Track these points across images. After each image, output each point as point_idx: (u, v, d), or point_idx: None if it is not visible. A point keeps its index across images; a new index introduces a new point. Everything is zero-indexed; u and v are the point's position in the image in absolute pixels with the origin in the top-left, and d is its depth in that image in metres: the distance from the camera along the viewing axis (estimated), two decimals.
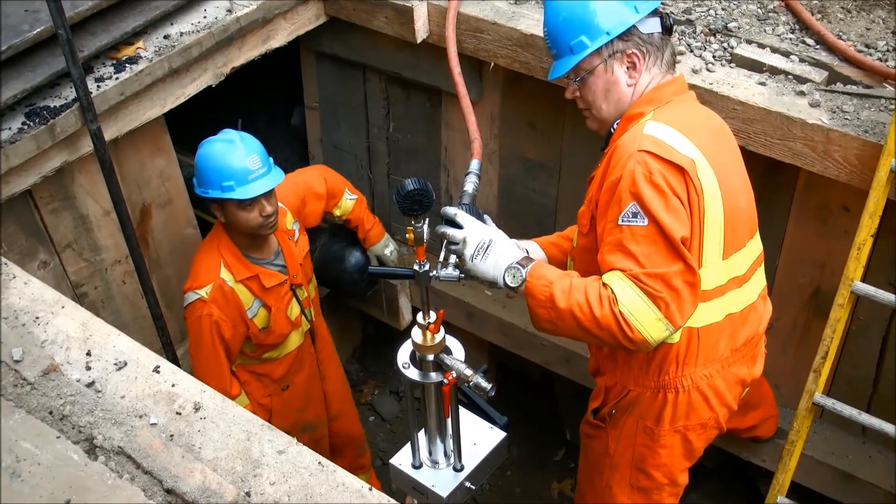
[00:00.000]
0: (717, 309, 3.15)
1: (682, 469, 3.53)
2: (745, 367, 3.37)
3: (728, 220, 3.00)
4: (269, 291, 4.04)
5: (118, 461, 2.29)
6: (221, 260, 3.93)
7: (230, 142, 3.78)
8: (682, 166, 2.84)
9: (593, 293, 2.86)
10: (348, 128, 5.26)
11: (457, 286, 5.04)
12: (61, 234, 3.99)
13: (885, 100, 3.52)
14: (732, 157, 3.15)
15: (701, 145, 2.93)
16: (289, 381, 4.41)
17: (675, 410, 3.33)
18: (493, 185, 4.89)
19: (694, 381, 3.26)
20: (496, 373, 5.80)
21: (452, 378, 3.05)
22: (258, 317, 4.04)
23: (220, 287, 3.90)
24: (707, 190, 2.91)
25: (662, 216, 2.80)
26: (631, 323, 2.82)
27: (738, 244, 3.11)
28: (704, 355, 3.22)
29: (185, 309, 3.95)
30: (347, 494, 2.22)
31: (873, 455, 4.26)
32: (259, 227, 3.85)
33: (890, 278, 3.80)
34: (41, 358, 2.53)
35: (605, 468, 3.60)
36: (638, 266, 2.82)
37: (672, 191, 2.82)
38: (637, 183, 2.82)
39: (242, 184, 3.73)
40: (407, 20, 4.20)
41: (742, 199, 3.11)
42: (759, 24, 3.93)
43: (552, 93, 4.19)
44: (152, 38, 3.93)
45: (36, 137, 3.50)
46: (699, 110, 3.19)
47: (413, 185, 2.81)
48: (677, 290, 2.82)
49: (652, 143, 2.86)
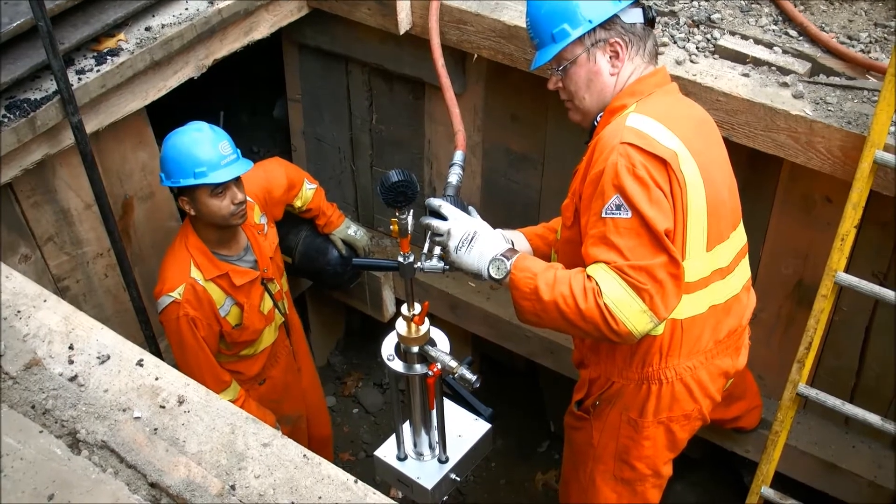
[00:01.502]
0: (701, 300, 3.15)
1: (666, 461, 3.54)
2: (728, 359, 3.38)
3: (711, 212, 3.00)
4: (240, 289, 4.01)
5: (102, 455, 2.28)
6: (191, 259, 3.90)
7: (199, 130, 3.77)
8: (665, 158, 2.83)
9: (578, 285, 2.86)
10: (331, 120, 5.24)
11: (441, 278, 5.04)
12: (43, 228, 3.97)
13: (867, 91, 3.53)
14: (716, 149, 3.14)
15: (684, 137, 2.92)
16: (265, 375, 4.40)
17: (658, 402, 3.33)
18: (477, 178, 4.88)
19: (678, 373, 3.27)
20: (481, 364, 5.81)
21: (437, 370, 3.05)
22: (231, 314, 4.03)
23: (192, 287, 3.87)
24: (690, 182, 2.90)
25: (646, 208, 2.79)
26: (615, 315, 2.82)
27: (721, 236, 3.10)
28: (688, 347, 3.22)
29: (160, 314, 3.92)
30: (332, 487, 2.21)
31: (856, 445, 4.28)
32: (231, 215, 3.82)
33: (873, 269, 3.82)
34: (23, 352, 2.51)
35: (588, 459, 3.61)
36: (622, 258, 2.82)
37: (655, 183, 2.82)
38: (620, 175, 2.82)
39: (215, 169, 3.71)
40: (390, 12, 4.19)
41: (725, 191, 3.11)
42: (743, 16, 3.93)
43: (536, 85, 4.18)
44: (133, 30, 3.90)
45: (16, 130, 3.47)
46: (682, 102, 3.19)
47: (397, 176, 2.80)
48: (661, 282, 2.82)
49: (635, 135, 2.86)
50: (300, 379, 4.68)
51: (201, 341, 3.93)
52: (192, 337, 3.90)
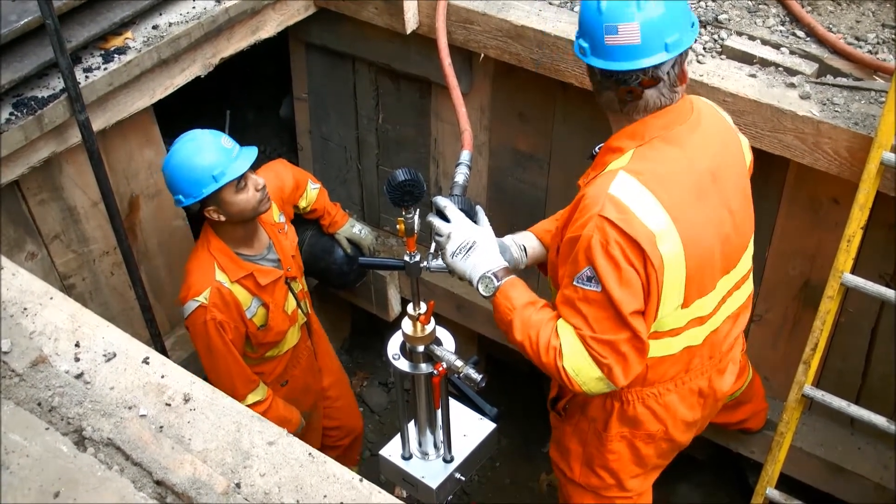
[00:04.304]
0: (673, 345, 3.11)
1: (633, 475, 3.49)
2: (704, 381, 3.31)
3: (692, 277, 2.92)
4: (265, 288, 3.99)
5: (107, 453, 2.28)
6: (215, 262, 3.86)
7: (194, 138, 3.70)
8: (640, 242, 2.75)
9: (544, 338, 2.89)
10: (338, 119, 5.24)
11: (447, 277, 5.01)
12: (49, 226, 3.98)
13: (874, 92, 3.53)
14: (717, 200, 2.97)
15: (672, 204, 2.82)
16: (287, 376, 4.38)
17: (620, 419, 3.32)
18: (483, 177, 4.88)
19: (640, 397, 3.25)
20: (486, 364, 5.80)
21: (442, 369, 3.05)
22: (257, 315, 4.00)
23: (218, 290, 3.83)
24: (668, 260, 2.82)
25: (614, 289, 2.77)
26: (572, 378, 2.87)
27: (703, 291, 3.01)
28: (653, 378, 3.20)
29: (187, 320, 3.87)
30: (338, 485, 2.21)
31: (862, 447, 4.27)
32: (259, 203, 3.78)
33: (880, 270, 3.81)
34: (29, 349, 2.52)
35: (561, 460, 3.63)
36: (588, 328, 2.83)
37: (628, 262, 2.76)
38: (593, 250, 2.78)
39: (230, 164, 3.67)
40: (397, 11, 4.19)
41: (717, 244, 2.99)
42: (750, 16, 3.93)
43: (542, 84, 4.19)
44: (141, 29, 3.91)
45: (24, 128, 3.48)
46: (686, 151, 2.92)
47: (404, 175, 2.80)
48: (624, 354, 2.84)
49: (614, 210, 2.76)
50: (319, 380, 4.67)
51: (229, 344, 3.90)
52: (220, 340, 3.86)
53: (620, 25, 2.72)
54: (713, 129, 3.03)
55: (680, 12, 2.76)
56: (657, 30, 2.71)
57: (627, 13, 2.71)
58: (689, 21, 2.81)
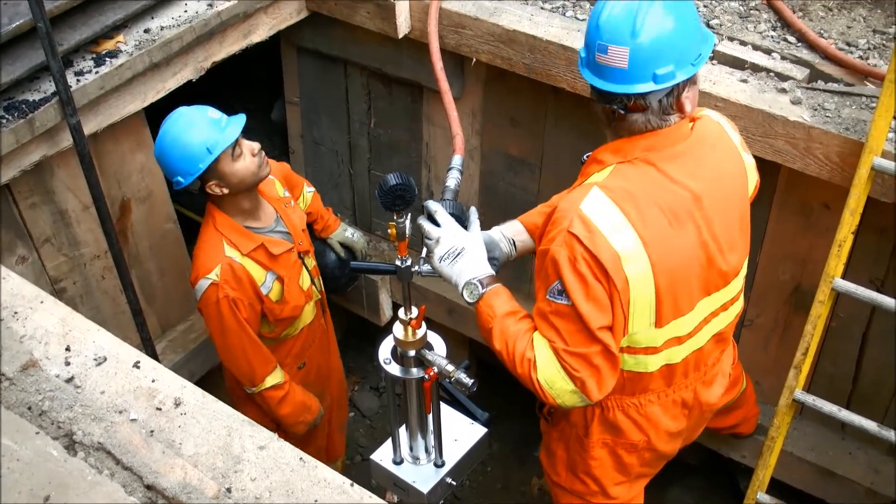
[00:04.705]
0: (650, 363, 3.09)
1: (617, 482, 3.48)
2: (689, 392, 3.28)
3: (664, 299, 2.88)
4: (279, 260, 3.92)
5: (98, 457, 2.28)
6: (223, 238, 3.79)
7: (181, 116, 3.66)
8: (603, 263, 2.73)
9: (520, 350, 2.90)
10: (329, 123, 5.24)
11: (438, 282, 5.00)
12: (40, 229, 3.97)
13: (865, 98, 3.53)
14: (698, 224, 2.89)
15: (644, 225, 2.78)
16: (305, 357, 4.33)
17: (601, 426, 3.31)
18: (475, 181, 4.88)
19: (620, 406, 3.24)
20: (477, 368, 5.80)
21: (434, 374, 3.05)
22: (273, 290, 3.92)
23: (230, 266, 3.75)
24: (634, 281, 2.79)
25: (582, 305, 2.76)
26: (545, 391, 2.88)
27: (678, 311, 2.97)
28: (632, 389, 3.19)
29: (199, 301, 3.80)
30: (329, 490, 2.21)
31: (853, 451, 4.28)
32: (259, 167, 3.74)
33: (870, 275, 3.82)
34: (20, 353, 2.51)
35: (547, 465, 3.64)
36: (561, 342, 2.83)
37: (595, 277, 2.75)
38: (561, 266, 2.77)
39: (222, 132, 3.63)
40: (388, 15, 4.19)
41: (696, 267, 2.93)
42: (741, 22, 3.94)
43: (534, 89, 4.19)
44: (132, 32, 3.91)
45: (15, 131, 3.47)
46: (669, 173, 2.85)
47: (395, 180, 2.81)
48: (597, 367, 2.83)
49: (582, 228, 2.75)
50: (331, 362, 4.64)
51: (243, 323, 3.82)
52: (234, 319, 3.79)
53: (611, 47, 2.69)
54: (710, 154, 2.96)
55: (682, 45, 2.70)
56: (647, 59, 2.67)
57: (620, 36, 2.68)
58: (692, 55, 2.73)
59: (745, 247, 3.12)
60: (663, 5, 2.67)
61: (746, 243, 3.13)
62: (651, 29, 2.65)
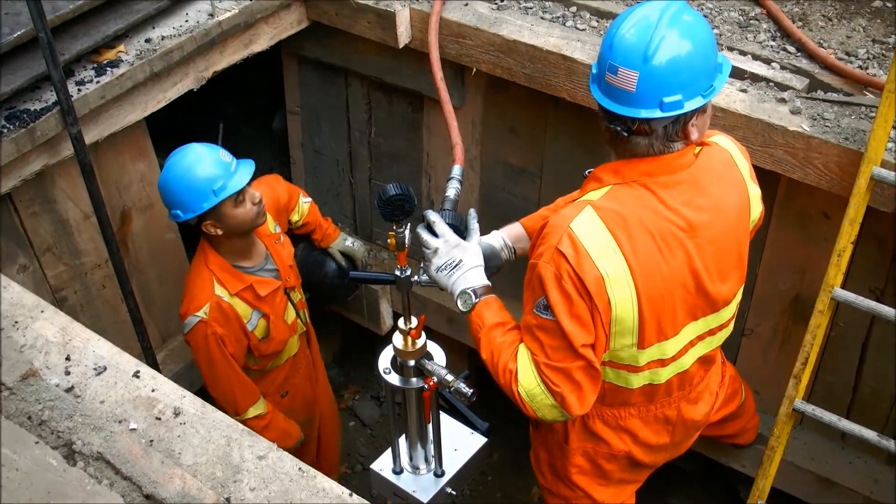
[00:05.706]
0: (632, 380, 3.08)
1: (599, 487, 3.47)
2: (672, 409, 3.26)
3: (647, 323, 2.86)
4: (265, 299, 3.99)
5: (97, 467, 2.28)
6: (213, 277, 3.86)
7: (192, 153, 3.69)
8: (587, 284, 2.72)
9: (503, 361, 2.91)
10: (330, 132, 5.25)
11: (438, 291, 4.99)
12: (41, 238, 3.97)
13: (865, 107, 3.54)
14: (689, 252, 2.85)
15: (632, 249, 2.76)
16: (288, 386, 4.39)
17: (581, 433, 3.31)
18: (475, 191, 4.89)
19: (600, 415, 3.24)
20: (477, 378, 5.78)
21: (433, 383, 3.06)
22: (258, 328, 4.00)
23: (219, 304, 3.83)
24: (617, 304, 2.78)
25: (565, 321, 2.75)
26: (526, 403, 2.88)
27: (662, 336, 2.94)
28: (611, 400, 3.18)
29: (187, 335, 3.88)
30: (328, 500, 2.21)
31: (853, 461, 4.27)
32: (257, 216, 3.79)
33: (870, 285, 3.82)
34: (20, 363, 2.52)
35: (537, 469, 3.64)
36: (543, 356, 2.82)
37: (580, 295, 2.75)
38: (546, 282, 2.77)
39: (230, 178, 3.66)
40: (389, 25, 4.20)
41: (680, 294, 2.89)
42: (741, 32, 3.94)
43: (534, 99, 4.20)
44: (134, 42, 3.91)
45: (16, 141, 3.48)
46: (663, 199, 2.81)
47: (395, 190, 2.81)
48: (578, 382, 2.82)
49: (570, 247, 2.73)
50: (316, 389, 4.67)
51: (229, 358, 3.91)
52: (221, 354, 3.88)
53: (622, 69, 2.64)
54: (712, 185, 2.90)
55: (693, 75, 2.65)
56: (656, 86, 2.62)
57: (632, 59, 2.63)
58: (703, 86, 2.68)
59: (739, 278, 3.07)
60: (680, 31, 2.62)
61: (741, 275, 3.08)
62: (664, 55, 2.60)
